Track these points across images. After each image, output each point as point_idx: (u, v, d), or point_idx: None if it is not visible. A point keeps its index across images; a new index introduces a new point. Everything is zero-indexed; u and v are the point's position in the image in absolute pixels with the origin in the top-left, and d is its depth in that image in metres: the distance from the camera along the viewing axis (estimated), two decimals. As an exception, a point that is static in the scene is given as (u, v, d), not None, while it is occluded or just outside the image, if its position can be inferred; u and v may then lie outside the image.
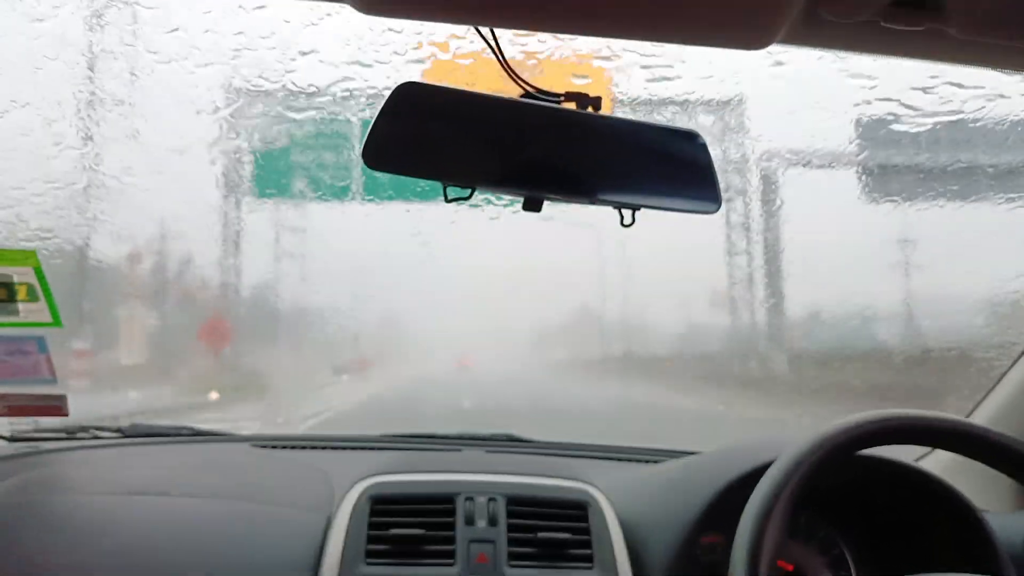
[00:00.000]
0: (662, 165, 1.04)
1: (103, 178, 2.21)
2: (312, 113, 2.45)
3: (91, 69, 2.09)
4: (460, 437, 1.92)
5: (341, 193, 2.80)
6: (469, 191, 0.95)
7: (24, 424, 1.74)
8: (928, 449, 1.68)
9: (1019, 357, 1.65)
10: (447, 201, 0.95)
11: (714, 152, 0.99)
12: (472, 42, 0.91)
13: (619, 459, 1.86)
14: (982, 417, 1.67)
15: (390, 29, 1.83)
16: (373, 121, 0.91)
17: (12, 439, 1.73)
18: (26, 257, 1.44)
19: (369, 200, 2.68)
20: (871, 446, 1.07)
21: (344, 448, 1.85)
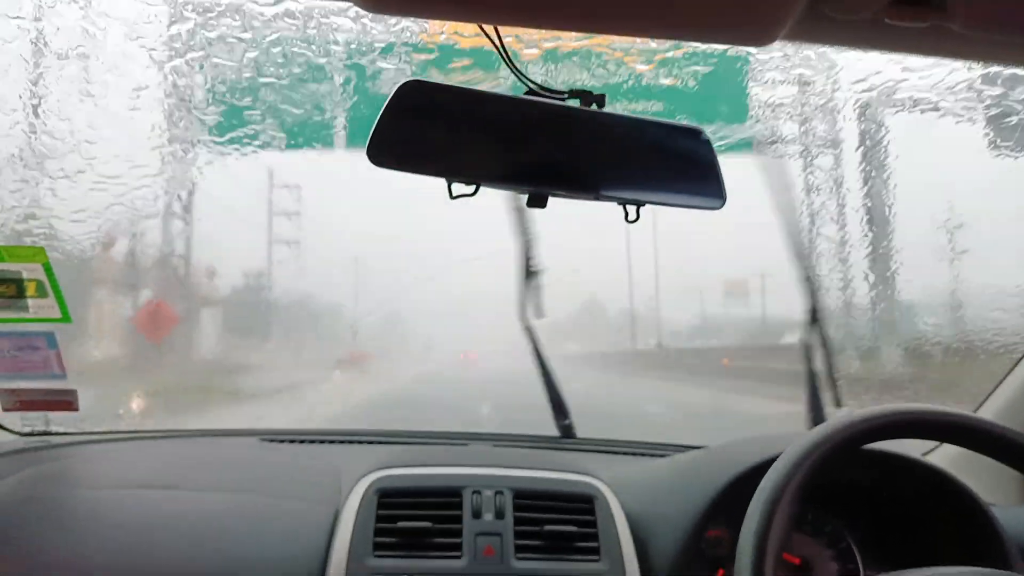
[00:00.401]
0: (666, 161, 1.04)
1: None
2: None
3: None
4: (467, 434, 1.93)
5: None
6: (474, 188, 0.95)
7: (35, 418, 1.76)
8: (935, 443, 1.68)
9: (1027, 350, 1.65)
10: (452, 198, 0.95)
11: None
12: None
13: (625, 453, 1.87)
14: (990, 411, 1.66)
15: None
16: (377, 119, 0.91)
17: (23, 434, 1.75)
18: (35, 254, 1.45)
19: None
20: (878, 440, 1.07)
21: (352, 442, 1.86)
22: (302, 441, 1.83)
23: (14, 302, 1.45)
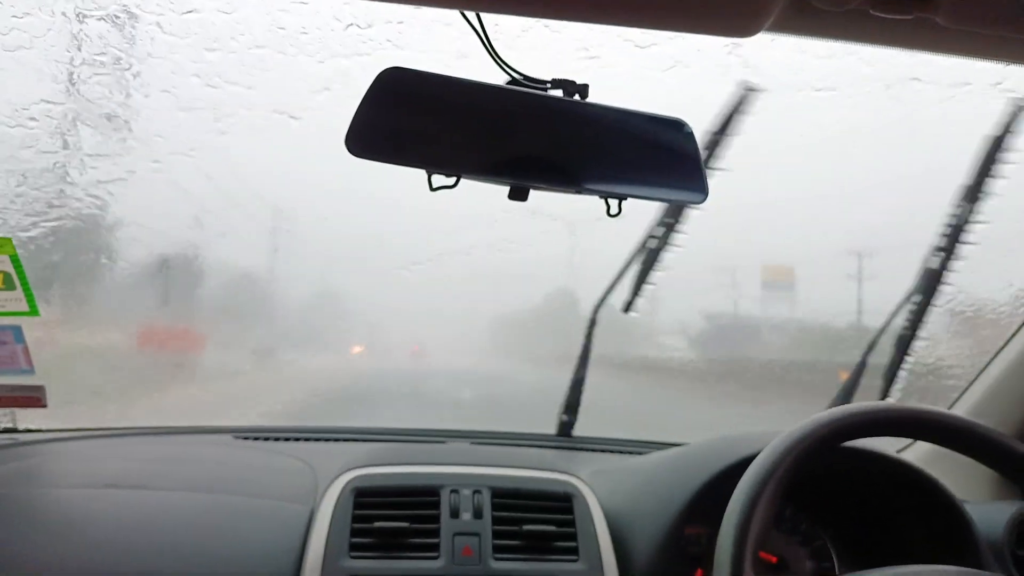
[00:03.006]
0: (649, 154, 1.04)
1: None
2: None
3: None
4: (445, 431, 1.91)
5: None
6: (454, 180, 0.94)
7: (1, 415, 1.72)
8: (909, 440, 1.69)
9: (999, 349, 1.67)
10: (432, 190, 0.93)
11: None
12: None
13: (604, 451, 1.87)
14: (963, 409, 1.68)
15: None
16: (357, 107, 0.90)
17: (-12, 431, 1.71)
18: (1, 245, 1.41)
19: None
20: (855, 438, 1.08)
21: (328, 440, 1.84)
22: (276, 438, 1.80)
23: (-21, 294, 1.41)
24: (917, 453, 1.66)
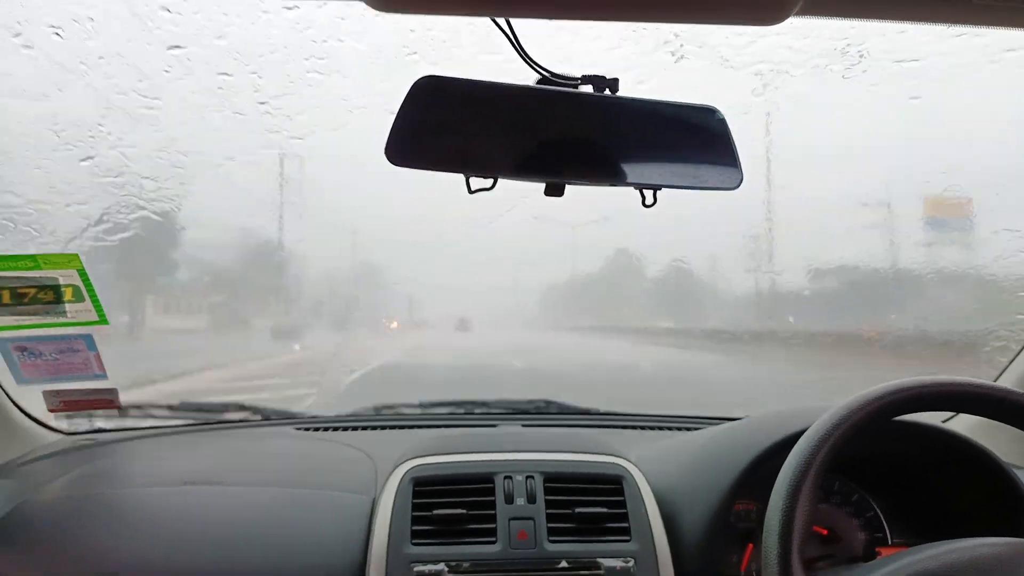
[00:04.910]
0: (682, 143, 1.05)
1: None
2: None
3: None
4: (497, 413, 1.96)
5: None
6: (492, 181, 0.97)
7: (80, 418, 1.83)
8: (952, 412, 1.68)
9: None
10: (470, 193, 0.97)
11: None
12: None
13: (652, 427, 1.89)
14: (1009, 380, 1.66)
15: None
16: (395, 117, 0.93)
17: (70, 433, 1.81)
18: (69, 260, 1.49)
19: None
20: (904, 413, 1.08)
21: (384, 427, 1.90)
22: (335, 428, 1.88)
23: (53, 307, 1.49)
24: (966, 422, 1.64)
